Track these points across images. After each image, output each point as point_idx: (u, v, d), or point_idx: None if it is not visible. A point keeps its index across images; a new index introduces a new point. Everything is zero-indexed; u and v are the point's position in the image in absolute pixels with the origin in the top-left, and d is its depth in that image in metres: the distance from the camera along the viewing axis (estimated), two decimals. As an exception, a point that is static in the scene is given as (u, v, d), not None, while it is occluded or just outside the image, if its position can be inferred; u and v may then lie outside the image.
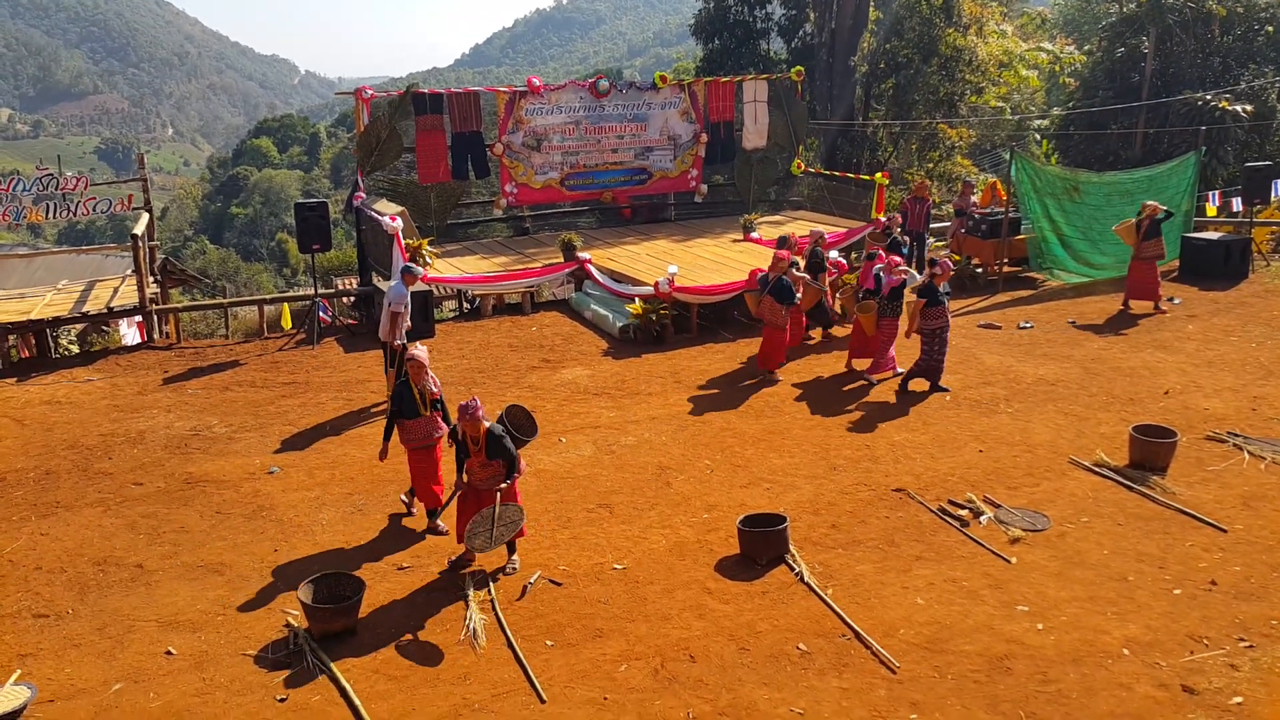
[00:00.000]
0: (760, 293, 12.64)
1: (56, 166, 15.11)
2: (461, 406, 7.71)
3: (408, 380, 8.46)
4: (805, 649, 6.83)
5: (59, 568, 8.14)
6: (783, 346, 12.73)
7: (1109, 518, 8.65)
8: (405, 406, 8.45)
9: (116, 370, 13.47)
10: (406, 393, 8.45)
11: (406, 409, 8.45)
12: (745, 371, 12.89)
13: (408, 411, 8.46)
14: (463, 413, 7.67)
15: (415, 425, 8.51)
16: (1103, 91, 26.21)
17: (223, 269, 63.37)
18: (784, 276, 12.40)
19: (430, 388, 8.54)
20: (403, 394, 8.46)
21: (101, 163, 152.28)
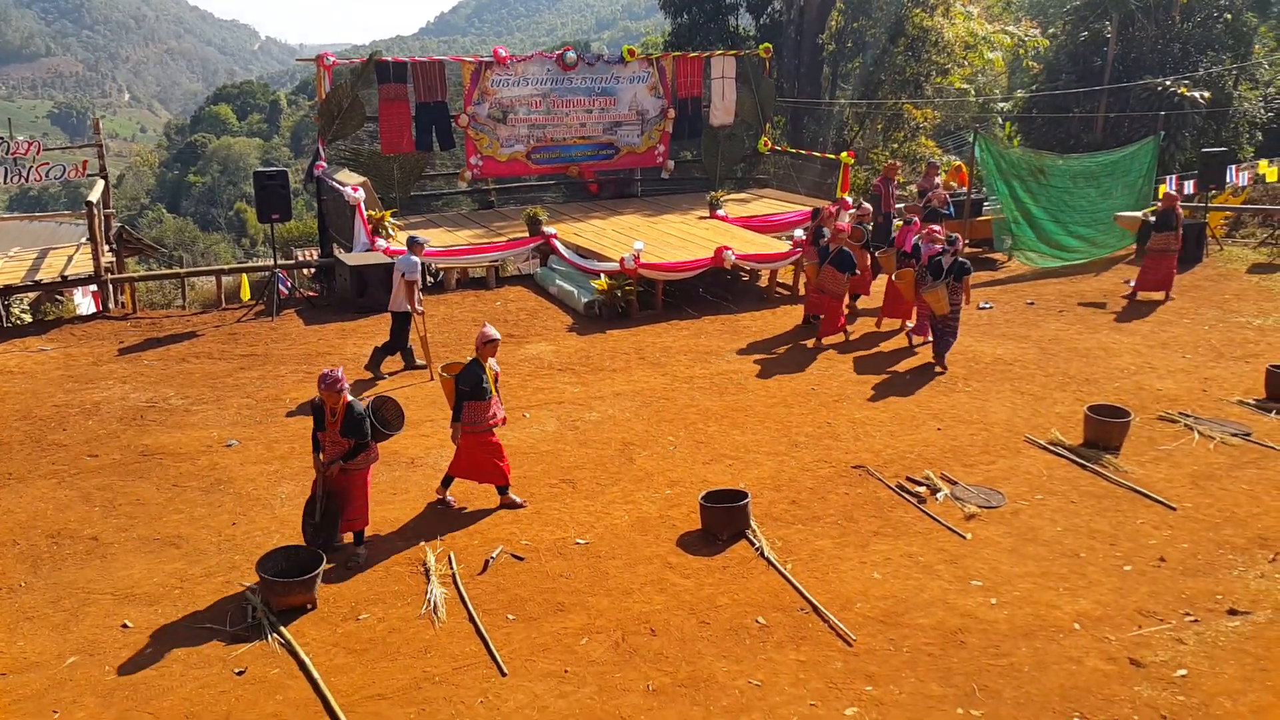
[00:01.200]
0: (819, 262, 12.91)
1: (8, 130, 14.77)
2: (322, 375, 7.42)
3: (478, 360, 8.20)
4: (764, 622, 6.91)
5: (11, 540, 8.02)
6: (840, 313, 13.06)
7: (1062, 495, 8.81)
8: (475, 388, 8.15)
9: (71, 340, 13.24)
10: (479, 373, 8.17)
11: (476, 390, 8.16)
12: (710, 347, 12.93)
13: (477, 393, 8.17)
14: (322, 381, 7.40)
15: (481, 407, 8.22)
16: (1065, 75, 26.44)
17: (180, 238, 62.41)
18: (844, 246, 12.74)
19: (497, 369, 8.35)
20: (475, 374, 8.16)
21: (55, 127, 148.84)
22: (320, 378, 7.46)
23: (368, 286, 14.38)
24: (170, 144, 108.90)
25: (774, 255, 15.36)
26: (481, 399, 8.20)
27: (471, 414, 8.23)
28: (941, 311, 11.93)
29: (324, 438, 7.59)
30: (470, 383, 8.16)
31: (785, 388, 11.51)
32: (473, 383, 8.16)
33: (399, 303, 11.88)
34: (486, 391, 8.21)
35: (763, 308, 14.88)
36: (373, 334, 13.46)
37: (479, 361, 8.23)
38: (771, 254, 15.39)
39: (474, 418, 8.24)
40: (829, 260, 12.82)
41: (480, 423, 8.27)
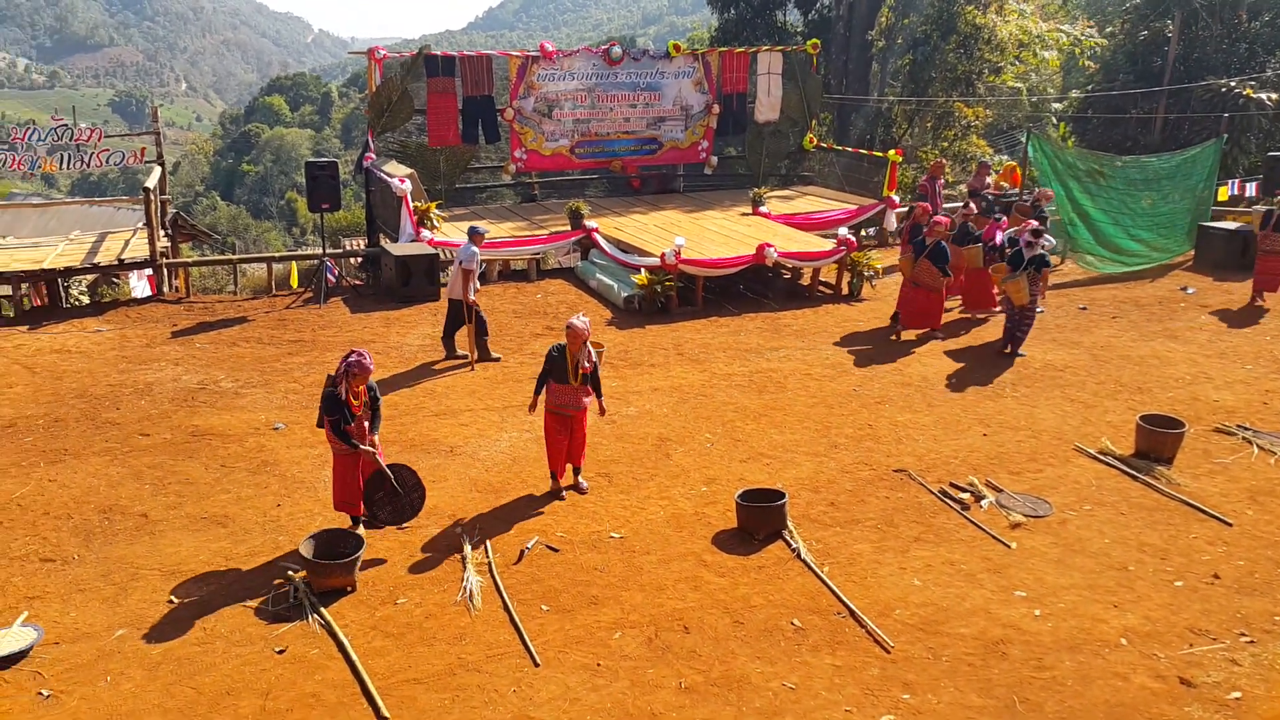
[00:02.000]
0: (915, 256, 12.98)
1: (71, 117, 15.07)
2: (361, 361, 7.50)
3: (565, 346, 8.39)
4: (800, 625, 6.86)
5: (66, 514, 8.20)
6: (941, 307, 13.25)
7: (1112, 506, 8.65)
8: (555, 370, 8.40)
9: (126, 322, 13.50)
10: (560, 358, 8.38)
11: (556, 373, 8.40)
12: (749, 345, 12.88)
13: (557, 375, 8.41)
14: (361, 367, 7.47)
15: (560, 391, 8.44)
16: (1123, 75, 25.96)
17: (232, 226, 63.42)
18: (942, 241, 12.84)
19: (584, 361, 8.38)
20: (555, 358, 8.41)
21: (115, 115, 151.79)
22: (360, 364, 7.49)
23: (412, 276, 14.51)
24: (225, 133, 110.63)
25: (817, 253, 15.25)
26: (560, 382, 8.42)
27: (550, 395, 8.54)
28: (1021, 302, 12.20)
29: (352, 428, 7.62)
30: (549, 363, 8.47)
31: (826, 388, 11.43)
32: (552, 365, 8.45)
33: (455, 290, 11.95)
34: (565, 378, 8.40)
35: (804, 306, 14.79)
36: (415, 323, 13.58)
37: (564, 347, 8.42)
38: (815, 252, 15.28)
39: (551, 399, 8.54)
40: (925, 254, 12.88)
41: (554, 405, 8.53)
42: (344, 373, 7.52)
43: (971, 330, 13.67)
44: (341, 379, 7.53)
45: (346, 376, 7.51)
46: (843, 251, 15.11)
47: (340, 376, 7.54)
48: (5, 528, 7.96)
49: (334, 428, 7.59)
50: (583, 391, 8.49)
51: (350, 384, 7.53)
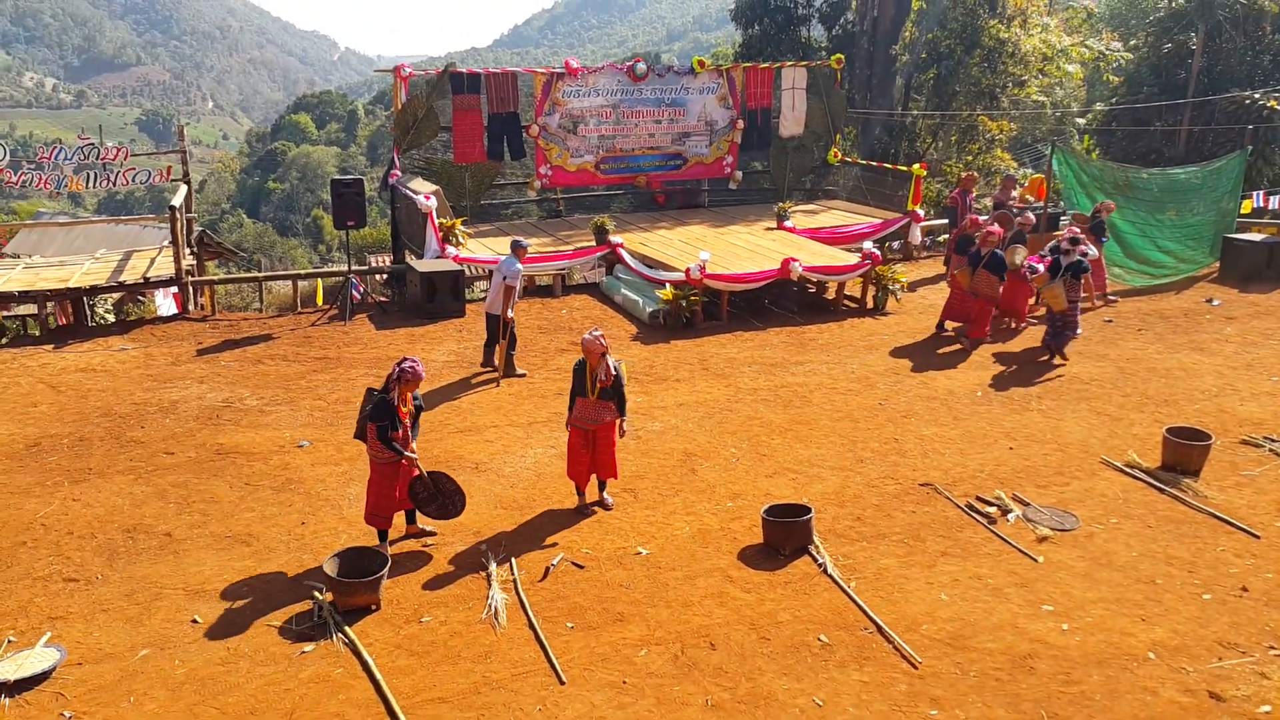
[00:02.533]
0: (973, 267, 13.11)
1: (98, 136, 15.25)
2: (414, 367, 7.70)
3: (586, 361, 8.45)
4: (826, 640, 6.81)
5: (90, 533, 8.25)
6: (990, 316, 13.42)
7: (1139, 519, 8.55)
8: (577, 384, 8.48)
9: (151, 340, 13.62)
10: (581, 372, 8.45)
11: (578, 387, 8.48)
12: (774, 360, 12.83)
13: (579, 389, 8.48)
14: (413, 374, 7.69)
15: (581, 404, 8.47)
16: (1147, 88, 25.78)
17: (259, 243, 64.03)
18: (997, 250, 13.08)
19: (601, 375, 8.39)
20: (578, 372, 8.48)
21: (142, 134, 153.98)
22: (413, 370, 7.68)
23: (437, 292, 14.57)
24: (251, 151, 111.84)
25: (842, 267, 15.20)
26: (581, 395, 8.48)
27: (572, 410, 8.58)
28: (1059, 308, 12.52)
29: (398, 435, 7.74)
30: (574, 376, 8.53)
31: (851, 402, 11.37)
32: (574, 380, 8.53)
33: (494, 304, 11.99)
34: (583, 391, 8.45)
35: (829, 320, 14.73)
36: (440, 339, 13.62)
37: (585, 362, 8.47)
38: (840, 266, 15.23)
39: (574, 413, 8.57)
40: (983, 264, 13.02)
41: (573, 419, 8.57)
42: (396, 378, 7.67)
43: (999, 341, 13.56)
44: (394, 385, 7.68)
45: (399, 382, 7.68)
46: (867, 265, 15.06)
47: (393, 382, 7.69)
48: (29, 548, 8.02)
49: (380, 434, 7.68)
50: (603, 407, 8.47)
51: (401, 390, 7.71)
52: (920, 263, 18.55)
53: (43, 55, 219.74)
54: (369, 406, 7.83)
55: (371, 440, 7.81)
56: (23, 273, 15.11)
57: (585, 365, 8.44)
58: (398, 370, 7.71)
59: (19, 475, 9.33)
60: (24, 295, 14.04)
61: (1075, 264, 12.55)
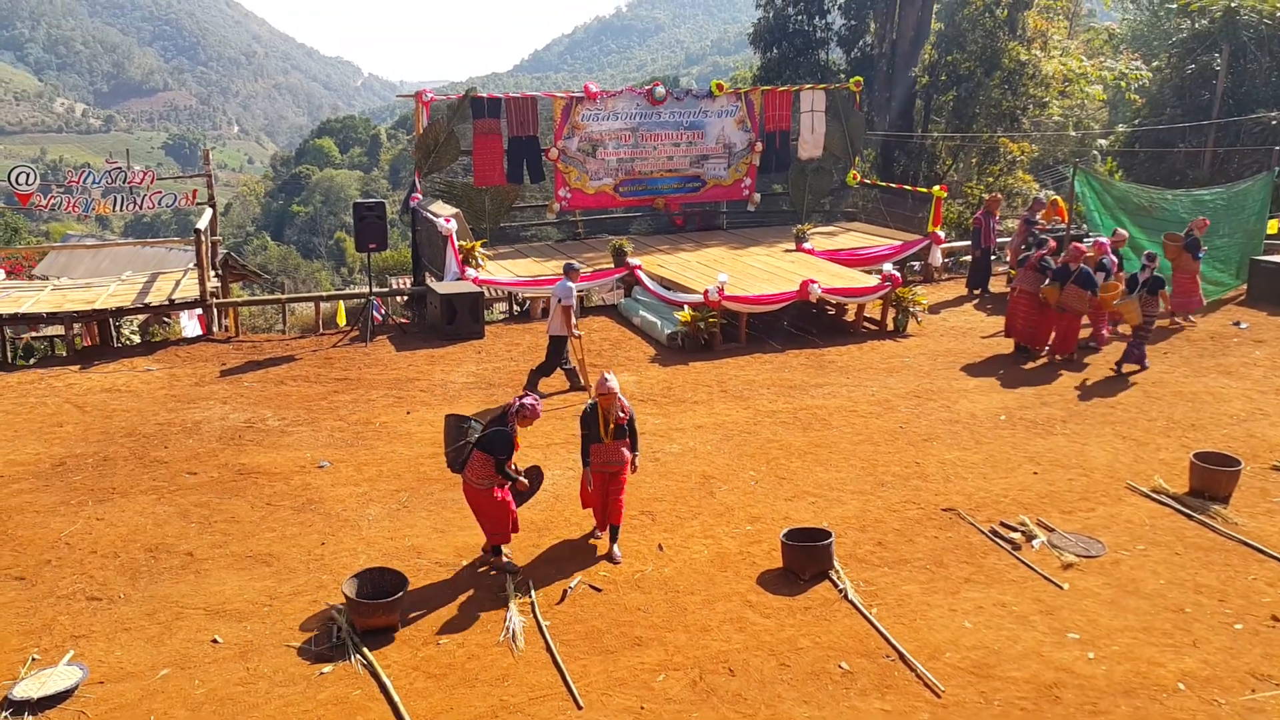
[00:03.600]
0: (1060, 283, 13.29)
1: (125, 160, 15.45)
2: (531, 405, 7.82)
3: (596, 405, 8.25)
4: (848, 668, 6.73)
5: (113, 552, 8.29)
6: (1077, 331, 13.64)
7: (1166, 546, 8.43)
8: (588, 432, 8.23)
9: (176, 361, 13.72)
10: (590, 419, 8.23)
11: (589, 434, 8.22)
12: (794, 382, 12.78)
13: (590, 437, 8.23)
14: (529, 410, 7.81)
15: (599, 450, 8.23)
16: (1171, 109, 25.66)
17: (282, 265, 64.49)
18: (1084, 266, 13.33)
19: (617, 413, 8.23)
20: (586, 421, 8.25)
21: (169, 158, 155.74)
22: (534, 410, 7.83)
23: (457, 314, 14.63)
24: (276, 175, 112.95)
25: (862, 289, 15.16)
26: (595, 441, 8.22)
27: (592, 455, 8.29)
28: (1134, 322, 13.01)
29: (512, 465, 7.89)
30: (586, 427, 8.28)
31: (872, 425, 11.30)
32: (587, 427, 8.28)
33: (555, 327, 12.22)
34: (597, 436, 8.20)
35: (849, 342, 14.68)
36: (460, 360, 13.65)
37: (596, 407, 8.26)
38: (859, 288, 15.19)
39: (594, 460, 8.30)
40: (1073, 279, 13.21)
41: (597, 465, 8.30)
42: (515, 412, 7.78)
43: (1027, 364, 13.47)
44: (514, 418, 7.78)
45: (518, 417, 7.78)
46: (888, 287, 15.01)
47: (512, 416, 7.79)
48: (53, 566, 8.06)
49: (499, 466, 7.75)
50: (620, 446, 8.28)
51: (518, 424, 7.82)
52: (941, 285, 18.48)
53: (73, 81, 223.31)
54: (473, 438, 7.81)
55: (479, 470, 7.76)
56: (51, 294, 15.29)
57: (596, 410, 8.23)
58: (518, 405, 7.78)
59: (45, 494, 9.39)
60: (52, 316, 14.21)
61: (1152, 280, 12.95)
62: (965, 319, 16.11)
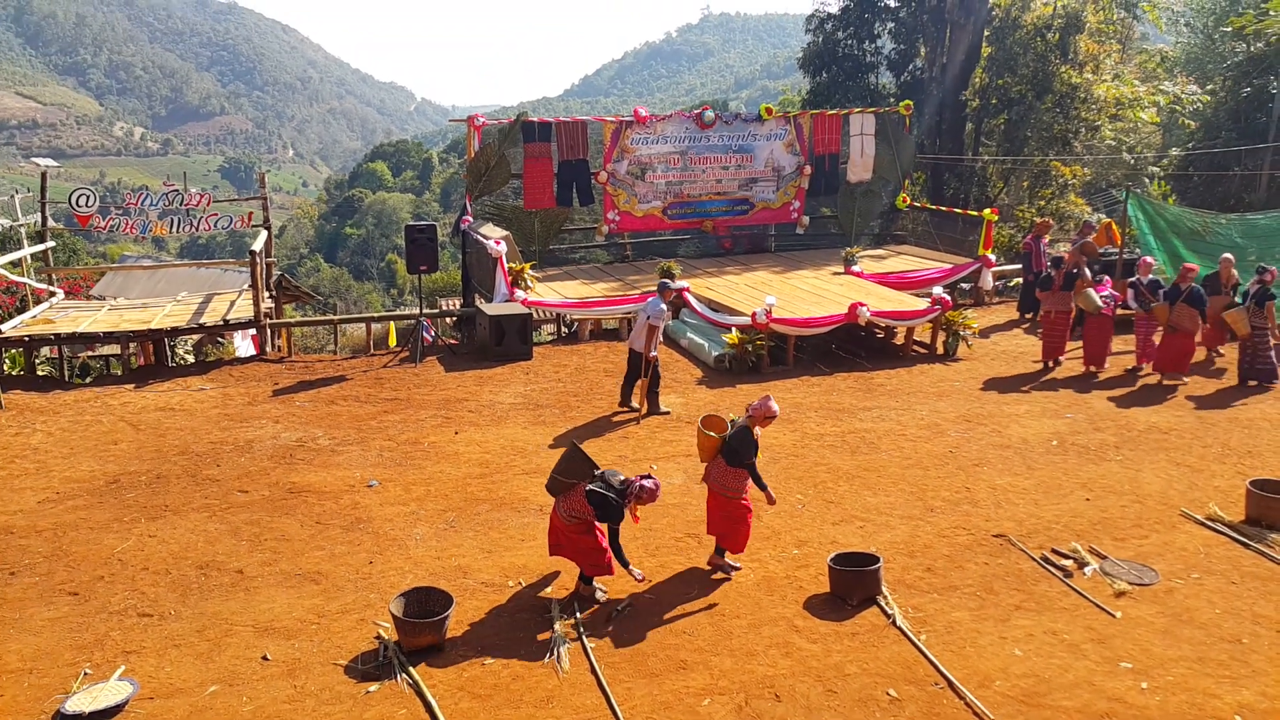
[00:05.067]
0: (1170, 302, 13.41)
1: (182, 183, 15.82)
2: (653, 489, 7.65)
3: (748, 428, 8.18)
4: (895, 695, 6.64)
5: (164, 569, 8.43)
6: (1191, 351, 13.68)
7: (1222, 575, 8.24)
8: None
9: (229, 380, 13.96)
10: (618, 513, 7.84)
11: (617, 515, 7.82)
12: (842, 405, 12.70)
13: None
14: (646, 493, 7.65)
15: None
16: (1226, 132, 25.25)
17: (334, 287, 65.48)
18: (1196, 285, 13.51)
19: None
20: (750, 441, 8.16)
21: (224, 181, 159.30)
22: (652, 494, 7.66)
23: (505, 335, 14.74)
24: (329, 198, 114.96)
25: (911, 312, 15.05)
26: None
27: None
28: (1243, 333, 13.29)
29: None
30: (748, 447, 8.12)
31: (921, 449, 11.19)
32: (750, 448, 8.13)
33: (638, 343, 12.22)
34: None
35: (898, 366, 14.56)
36: (508, 381, 13.74)
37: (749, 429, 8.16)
38: (909, 311, 15.08)
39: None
40: (1183, 298, 13.32)
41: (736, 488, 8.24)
42: (636, 494, 7.66)
43: (1078, 388, 13.27)
44: (631, 496, 7.66)
45: (637, 499, 7.67)
46: (937, 310, 14.89)
47: (631, 496, 7.66)
48: (106, 582, 8.20)
49: (612, 536, 7.70)
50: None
51: (633, 506, 7.71)
52: (992, 308, 18.29)
53: (132, 106, 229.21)
54: (600, 498, 7.60)
55: (572, 506, 7.71)
56: (108, 314, 15.64)
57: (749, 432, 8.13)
58: (639, 487, 7.65)
59: (99, 511, 9.58)
60: (108, 336, 14.52)
61: (1261, 291, 13.24)
62: (1016, 343, 15.92)
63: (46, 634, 7.38)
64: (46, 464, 10.78)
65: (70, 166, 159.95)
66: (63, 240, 33.24)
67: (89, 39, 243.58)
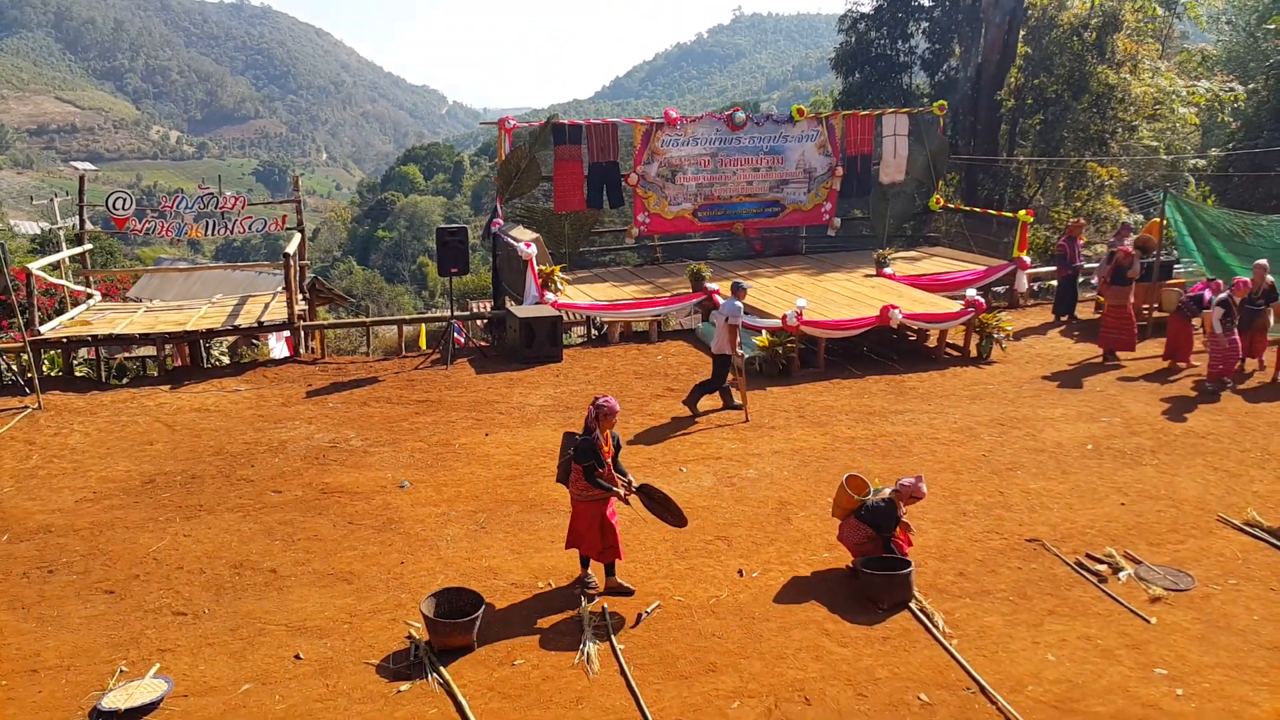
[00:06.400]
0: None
1: (217, 186, 16.00)
2: (605, 403, 7.83)
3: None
4: (927, 700, 6.60)
5: (199, 568, 8.52)
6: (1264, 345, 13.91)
7: (1260, 581, 8.12)
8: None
9: (263, 382, 14.09)
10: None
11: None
12: (873, 408, 12.63)
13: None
14: (610, 411, 7.82)
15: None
16: (1268, 132, 24.86)
17: (367, 289, 65.92)
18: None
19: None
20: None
21: (259, 184, 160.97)
22: (609, 406, 7.83)
23: (535, 337, 14.77)
24: (362, 201, 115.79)
25: (944, 314, 14.93)
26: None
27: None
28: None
29: (603, 472, 7.84)
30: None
31: (954, 453, 11.10)
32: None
33: (721, 345, 12.43)
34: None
35: (931, 369, 14.46)
36: (538, 384, 13.78)
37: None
38: (941, 313, 14.97)
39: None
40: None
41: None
42: (595, 418, 7.83)
43: (1113, 392, 13.12)
44: (594, 424, 7.83)
45: (598, 421, 7.83)
46: (971, 313, 14.76)
47: (592, 422, 7.85)
48: (141, 581, 8.31)
49: (588, 474, 7.79)
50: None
51: (601, 428, 7.84)
52: (1027, 311, 18.12)
53: (168, 109, 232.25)
54: (571, 450, 7.90)
55: (576, 481, 7.91)
56: (144, 316, 15.84)
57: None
58: (594, 410, 7.85)
59: (134, 510, 9.71)
60: (144, 338, 14.69)
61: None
62: (1052, 345, 15.75)
63: (83, 631, 7.48)
64: (84, 464, 10.94)
65: (108, 170, 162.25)
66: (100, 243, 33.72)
67: (126, 44, 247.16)
